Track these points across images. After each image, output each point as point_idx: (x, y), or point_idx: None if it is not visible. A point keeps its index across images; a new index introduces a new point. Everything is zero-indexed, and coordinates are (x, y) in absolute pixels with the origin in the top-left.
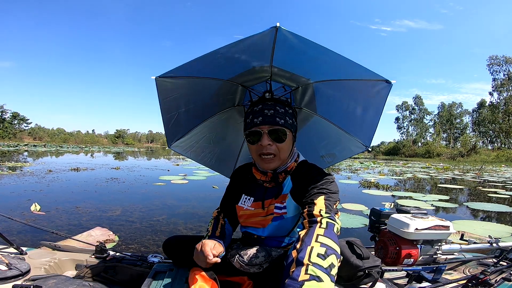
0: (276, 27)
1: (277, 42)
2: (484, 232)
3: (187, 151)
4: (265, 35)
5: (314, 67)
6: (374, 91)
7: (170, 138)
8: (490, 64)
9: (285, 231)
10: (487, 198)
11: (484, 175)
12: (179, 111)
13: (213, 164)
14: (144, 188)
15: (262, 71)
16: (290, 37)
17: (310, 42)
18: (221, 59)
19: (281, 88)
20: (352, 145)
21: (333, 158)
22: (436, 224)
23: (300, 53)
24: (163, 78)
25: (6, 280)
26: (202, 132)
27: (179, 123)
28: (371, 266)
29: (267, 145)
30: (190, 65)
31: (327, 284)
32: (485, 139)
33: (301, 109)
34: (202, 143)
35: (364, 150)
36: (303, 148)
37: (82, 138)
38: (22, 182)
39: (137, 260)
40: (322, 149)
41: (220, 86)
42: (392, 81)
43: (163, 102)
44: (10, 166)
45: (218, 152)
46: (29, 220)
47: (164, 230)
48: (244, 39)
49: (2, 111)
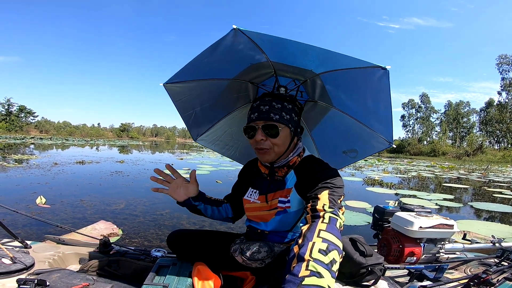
0: (234, 28)
1: (255, 41)
2: (488, 232)
3: (211, 144)
4: (229, 37)
5: (305, 59)
6: (375, 79)
7: (194, 133)
8: (499, 63)
9: (288, 226)
10: (492, 198)
11: (490, 175)
12: (195, 110)
13: (237, 157)
14: (148, 182)
15: (265, 67)
16: (255, 35)
17: (273, 37)
18: (210, 63)
19: (292, 83)
20: (374, 140)
21: (356, 154)
22: (441, 223)
23: (281, 48)
24: (170, 84)
25: (11, 274)
26: (223, 128)
27: (198, 120)
28: (374, 264)
29: (260, 140)
30: (188, 69)
31: (327, 280)
32: (492, 139)
33: (316, 102)
34: (224, 137)
35: (388, 147)
36: (324, 143)
37: (87, 132)
38: (28, 175)
39: (141, 254)
40: (343, 144)
41: (229, 85)
42: (387, 67)
43: (177, 103)
44: (16, 158)
45: (241, 146)
46: (34, 213)
47: (167, 225)
48: (213, 45)
49: (9, 104)
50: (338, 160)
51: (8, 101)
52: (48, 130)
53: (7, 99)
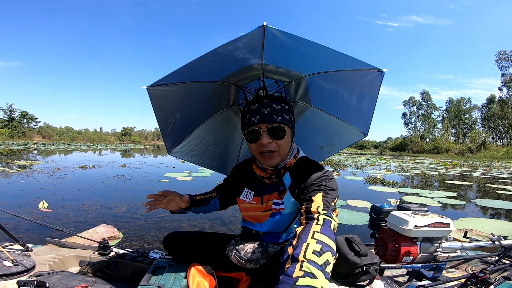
0: (264, 26)
1: (266, 40)
2: (491, 230)
3: (188, 155)
4: (253, 34)
5: (305, 61)
6: (366, 81)
7: (169, 145)
8: (498, 60)
9: (282, 227)
10: (496, 195)
11: (494, 171)
12: (175, 118)
13: (214, 166)
14: (149, 185)
15: (254, 69)
16: (279, 34)
17: (299, 38)
18: (211, 61)
19: (274, 84)
20: (350, 133)
21: (333, 147)
22: (436, 221)
23: (290, 49)
24: (154, 87)
25: (11, 276)
26: (201, 135)
27: (176, 129)
28: (369, 263)
29: (267, 143)
30: (181, 71)
31: (321, 280)
32: (495, 135)
33: (296, 102)
34: (201, 146)
35: (363, 138)
36: (301, 141)
37: (90, 136)
38: (31, 180)
39: (139, 256)
40: (320, 140)
41: (213, 88)
42: (384, 70)
43: (157, 110)
44: (19, 164)
45: (219, 153)
46: (36, 217)
47: (167, 227)
48: (234, 40)
49: (10, 110)
50: (315, 156)
51: (10, 107)
52: (51, 135)
53: (9, 105)
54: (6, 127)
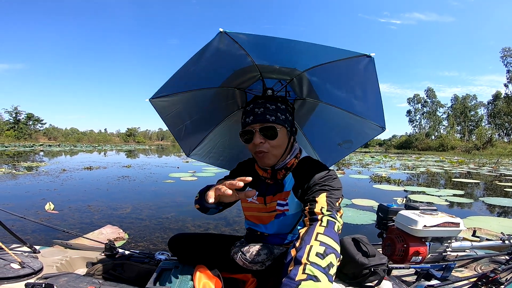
0: (220, 31)
1: (241, 43)
2: (500, 229)
3: (205, 157)
4: (215, 41)
5: (292, 56)
6: (360, 69)
7: (186, 149)
8: (503, 56)
9: (287, 228)
10: (503, 192)
11: (501, 168)
12: (185, 124)
13: (232, 167)
14: (154, 186)
15: (250, 71)
16: (243, 36)
17: (261, 36)
18: (197, 72)
19: (278, 83)
20: (367, 127)
21: (351, 144)
22: (446, 221)
23: (266, 47)
24: (156, 99)
25: (19, 278)
26: (215, 138)
27: (189, 134)
28: (377, 264)
29: (260, 143)
30: (173, 82)
31: (324, 284)
32: (501, 132)
33: (305, 99)
34: (217, 148)
35: (381, 132)
36: (317, 139)
37: (95, 137)
38: (37, 182)
39: (145, 257)
40: (336, 137)
41: (216, 94)
42: (372, 54)
43: (165, 119)
44: (26, 166)
45: (236, 154)
46: (43, 219)
47: (172, 228)
48: (200, 52)
49: (16, 113)
50: (334, 154)
51: (16, 109)
52: (56, 137)
53: (15, 107)
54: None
